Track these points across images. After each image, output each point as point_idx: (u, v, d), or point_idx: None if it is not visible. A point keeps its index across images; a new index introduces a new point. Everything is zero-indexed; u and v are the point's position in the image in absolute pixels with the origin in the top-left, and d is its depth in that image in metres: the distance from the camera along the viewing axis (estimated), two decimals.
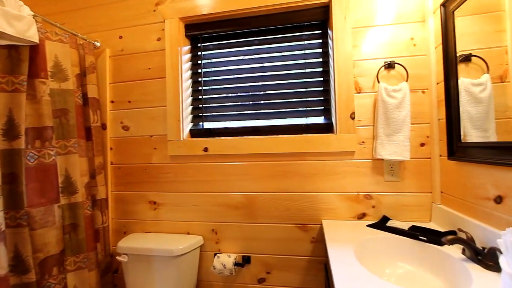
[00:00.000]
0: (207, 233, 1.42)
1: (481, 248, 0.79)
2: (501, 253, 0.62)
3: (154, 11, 1.50)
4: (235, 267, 1.32)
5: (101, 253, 1.42)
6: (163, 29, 1.47)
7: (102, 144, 1.49)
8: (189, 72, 1.53)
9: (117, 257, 1.33)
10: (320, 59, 1.39)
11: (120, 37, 1.55)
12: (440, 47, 1.09)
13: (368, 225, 1.17)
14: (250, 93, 1.46)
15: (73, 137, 1.32)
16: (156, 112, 1.49)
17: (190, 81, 1.53)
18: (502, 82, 0.80)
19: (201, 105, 1.51)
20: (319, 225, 1.30)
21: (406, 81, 1.19)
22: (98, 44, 1.54)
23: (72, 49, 1.36)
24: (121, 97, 1.54)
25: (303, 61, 1.41)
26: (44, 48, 1.19)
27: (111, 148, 1.55)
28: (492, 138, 0.85)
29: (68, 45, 1.34)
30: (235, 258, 1.34)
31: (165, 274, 1.28)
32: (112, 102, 1.55)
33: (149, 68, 1.50)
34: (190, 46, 1.54)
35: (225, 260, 1.31)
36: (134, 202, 1.51)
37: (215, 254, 1.37)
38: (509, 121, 0.77)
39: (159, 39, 1.49)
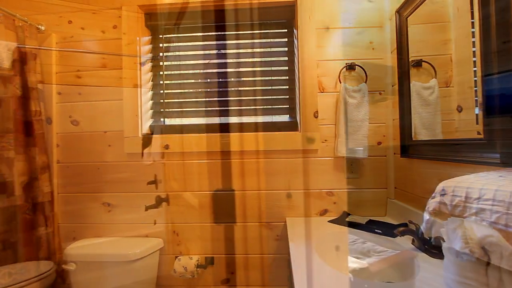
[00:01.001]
0: (168, 235, 1.34)
1: (428, 238, 0.85)
2: (444, 241, 0.67)
3: None
4: (198, 269, 1.27)
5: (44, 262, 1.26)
6: (120, 16, 1.36)
7: (46, 140, 1.33)
8: (149, 65, 1.43)
9: (63, 266, 1.20)
10: (286, 58, 1.39)
11: (70, 22, 1.39)
12: (395, 51, 1.17)
13: (329, 221, 1.20)
14: (214, 89, 1.42)
15: (8, 131, 1.15)
16: (111, 106, 1.36)
17: (150, 74, 1.43)
18: (447, 86, 0.87)
19: (162, 100, 1.43)
20: (283, 223, 1.31)
21: (365, 82, 1.25)
22: (43, 28, 1.37)
23: (9, 31, 1.19)
24: (70, 89, 1.38)
25: (269, 59, 1.40)
26: None
27: (57, 145, 1.39)
28: (439, 137, 0.92)
29: (3, 26, 1.17)
30: (198, 260, 1.29)
31: (120, 282, 1.18)
32: (59, 93, 1.39)
33: (104, 58, 1.37)
34: (150, 37, 1.44)
35: (187, 262, 1.26)
36: (85, 204, 1.37)
37: (176, 257, 1.30)
38: (453, 122, 0.85)
39: (115, 27, 1.37)
